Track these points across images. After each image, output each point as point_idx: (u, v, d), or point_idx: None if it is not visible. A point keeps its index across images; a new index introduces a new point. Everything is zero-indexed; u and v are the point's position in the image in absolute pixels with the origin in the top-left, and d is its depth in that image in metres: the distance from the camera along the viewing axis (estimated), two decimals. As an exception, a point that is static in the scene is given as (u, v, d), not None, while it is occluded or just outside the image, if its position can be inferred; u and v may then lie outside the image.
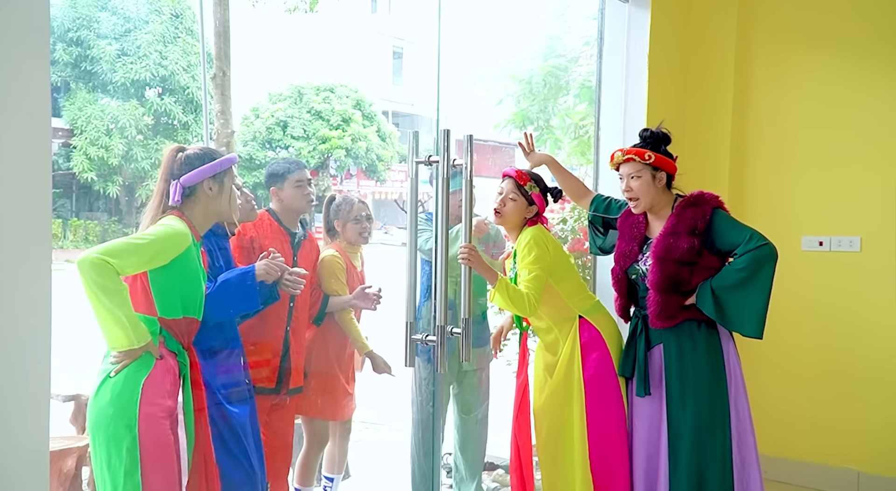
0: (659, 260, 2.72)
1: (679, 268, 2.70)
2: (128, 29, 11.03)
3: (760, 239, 2.68)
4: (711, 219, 2.71)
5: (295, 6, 5.79)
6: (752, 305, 2.66)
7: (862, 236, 3.76)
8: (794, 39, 3.97)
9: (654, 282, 2.74)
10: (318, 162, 19.50)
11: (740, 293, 2.65)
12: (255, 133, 18.16)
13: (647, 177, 2.76)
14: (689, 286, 2.72)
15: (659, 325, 2.78)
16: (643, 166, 2.75)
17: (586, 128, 5.96)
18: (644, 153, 2.74)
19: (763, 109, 4.02)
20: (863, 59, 3.79)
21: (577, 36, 6.29)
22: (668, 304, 2.73)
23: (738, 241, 2.68)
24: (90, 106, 11.00)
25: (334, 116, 18.18)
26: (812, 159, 3.89)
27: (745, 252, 2.66)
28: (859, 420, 3.77)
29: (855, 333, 3.80)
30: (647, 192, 2.77)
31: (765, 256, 2.66)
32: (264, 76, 15.25)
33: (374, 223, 3.43)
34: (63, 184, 11.38)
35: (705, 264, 2.73)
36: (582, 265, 4.24)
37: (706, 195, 2.77)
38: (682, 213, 2.73)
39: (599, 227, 3.10)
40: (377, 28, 17.62)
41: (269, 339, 2.94)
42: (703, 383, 2.74)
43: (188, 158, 2.32)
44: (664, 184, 2.81)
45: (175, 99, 11.82)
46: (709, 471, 2.72)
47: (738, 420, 2.77)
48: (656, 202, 2.81)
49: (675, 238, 2.70)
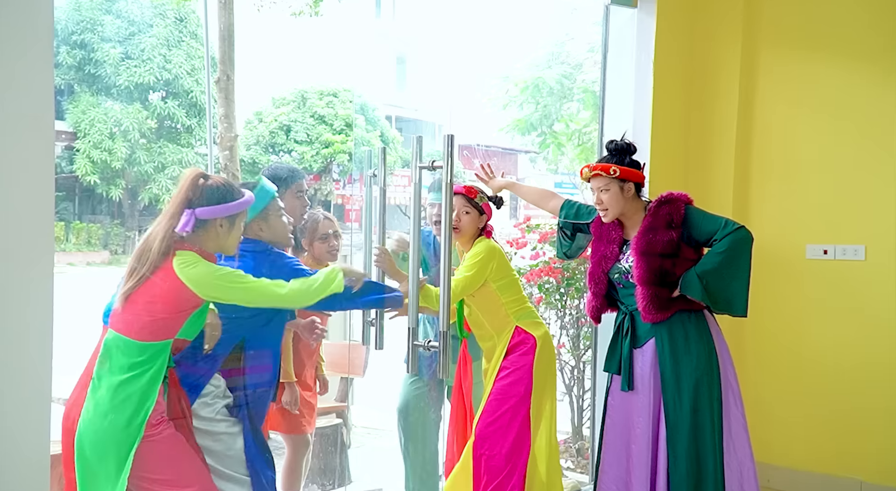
0: (642, 255, 2.83)
1: (662, 260, 2.81)
2: (132, 32, 11.06)
3: (735, 224, 2.79)
4: (686, 213, 2.83)
5: (300, 10, 5.80)
6: (737, 286, 2.79)
7: (867, 245, 3.75)
8: (799, 47, 3.96)
9: (639, 277, 2.83)
10: (321, 166, 19.55)
11: (725, 275, 2.77)
12: (259, 137, 18.16)
13: (616, 189, 2.88)
14: (675, 277, 2.83)
15: (651, 318, 2.86)
16: (610, 180, 2.87)
17: (590, 134, 5.96)
18: (609, 168, 2.86)
19: (768, 117, 4.02)
20: (868, 68, 3.79)
21: (581, 42, 6.30)
22: (657, 296, 2.82)
23: (713, 229, 2.80)
24: (93, 109, 11.03)
25: (337, 121, 18.20)
26: (817, 167, 3.88)
27: (723, 236, 2.77)
28: (863, 430, 3.76)
29: (859, 341, 3.78)
30: (615, 203, 2.89)
31: (742, 239, 2.77)
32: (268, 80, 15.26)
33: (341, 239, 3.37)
34: (66, 187, 11.40)
35: (685, 256, 2.84)
36: (584, 272, 4.23)
37: (676, 194, 2.89)
38: (657, 211, 2.85)
39: (567, 231, 3.22)
40: (381, 33, 17.68)
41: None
42: (699, 370, 2.83)
43: (209, 190, 2.29)
44: (633, 193, 2.92)
45: (179, 102, 11.86)
46: (704, 455, 2.81)
47: (729, 403, 2.89)
48: (626, 210, 2.92)
49: (654, 233, 2.82)
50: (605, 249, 2.98)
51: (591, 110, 5.71)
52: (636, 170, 2.91)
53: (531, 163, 23.45)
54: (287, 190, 2.90)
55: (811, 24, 3.87)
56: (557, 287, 4.21)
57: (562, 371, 4.33)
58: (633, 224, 2.94)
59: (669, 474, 2.82)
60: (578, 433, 4.32)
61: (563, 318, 4.30)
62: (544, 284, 4.20)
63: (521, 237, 4.44)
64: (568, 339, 4.33)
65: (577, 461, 4.20)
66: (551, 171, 17.97)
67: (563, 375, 4.33)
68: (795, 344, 3.92)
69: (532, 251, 4.34)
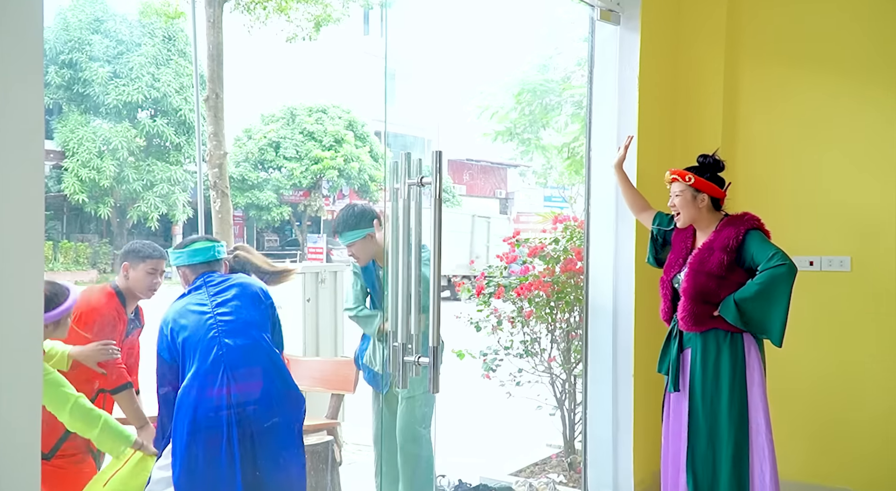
0: (692, 271, 3.05)
1: (708, 280, 3.01)
2: (120, 51, 11.05)
3: (781, 259, 2.94)
4: (744, 238, 3.01)
5: (294, 34, 5.84)
6: (773, 316, 2.96)
7: (852, 256, 3.78)
8: (782, 60, 4.02)
9: (684, 289, 3.06)
10: (311, 182, 19.45)
11: (760, 304, 2.96)
12: (248, 154, 18.07)
13: (688, 196, 3.09)
14: (718, 298, 3.02)
15: (686, 328, 3.09)
16: (685, 186, 3.10)
17: (578, 148, 5.99)
18: (685, 175, 3.09)
19: (752, 129, 4.06)
20: (852, 79, 3.84)
21: (568, 57, 6.35)
22: (697, 311, 3.03)
23: (760, 260, 2.96)
24: (82, 128, 10.99)
25: (327, 137, 18.14)
26: (802, 179, 3.92)
27: (764, 269, 2.95)
28: (851, 439, 3.77)
29: (847, 351, 3.81)
30: (685, 209, 3.11)
31: (780, 274, 2.93)
32: (257, 98, 15.26)
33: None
34: (54, 206, 11.32)
35: (734, 279, 3.02)
36: (574, 285, 4.25)
37: (747, 216, 3.08)
38: (721, 231, 3.05)
39: (660, 239, 3.40)
40: (369, 50, 17.78)
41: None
42: (722, 386, 3.04)
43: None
44: (707, 204, 3.11)
45: (167, 121, 11.82)
46: (721, 465, 3.05)
47: (756, 423, 3.07)
48: (698, 219, 3.13)
49: (710, 253, 3.03)
50: (673, 259, 3.21)
51: (579, 123, 5.74)
52: (715, 185, 3.11)
53: (520, 176, 23.48)
54: (141, 263, 3.04)
55: (793, 37, 3.92)
56: (547, 301, 4.22)
57: (553, 384, 4.34)
58: (703, 236, 3.15)
59: (694, 470, 3.07)
60: (570, 447, 4.32)
61: (553, 331, 4.30)
62: (534, 298, 4.21)
63: (510, 251, 4.46)
64: (559, 352, 4.34)
65: (570, 475, 4.20)
66: (540, 185, 18.00)
67: (555, 389, 4.34)
68: (781, 354, 3.93)
69: (521, 265, 4.36)
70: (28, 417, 1.54)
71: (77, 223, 11.55)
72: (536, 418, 4.57)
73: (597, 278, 3.76)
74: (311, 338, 4.89)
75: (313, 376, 4.08)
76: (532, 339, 4.32)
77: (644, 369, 3.74)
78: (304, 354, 4.92)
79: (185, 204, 12.73)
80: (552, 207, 15.56)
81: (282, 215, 16.39)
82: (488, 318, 4.35)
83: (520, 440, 5.01)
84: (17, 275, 1.50)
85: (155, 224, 11.94)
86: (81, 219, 11.60)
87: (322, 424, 3.84)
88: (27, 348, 1.55)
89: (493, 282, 4.37)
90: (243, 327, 2.69)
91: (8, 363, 1.51)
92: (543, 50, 6.56)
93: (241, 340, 2.66)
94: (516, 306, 4.27)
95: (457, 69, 10.94)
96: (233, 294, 2.75)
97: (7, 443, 1.49)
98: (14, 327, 1.53)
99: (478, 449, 4.89)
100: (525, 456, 4.54)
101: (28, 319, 1.55)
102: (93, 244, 11.27)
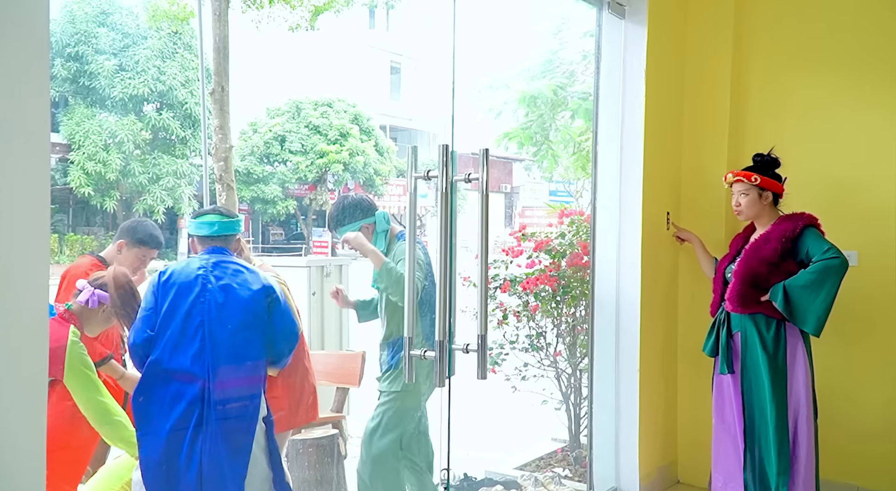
0: (746, 256, 3.27)
1: (760, 265, 3.21)
2: (126, 44, 11.06)
3: (835, 252, 3.13)
4: (802, 231, 3.21)
5: (297, 23, 5.83)
6: (815, 306, 3.13)
7: (859, 251, 3.77)
8: (789, 55, 3.99)
9: (736, 272, 3.27)
10: (316, 176, 19.41)
11: (806, 293, 3.13)
12: (253, 147, 18.04)
13: (754, 195, 3.30)
14: (767, 283, 3.21)
15: (733, 309, 3.29)
16: (750, 186, 3.30)
17: (584, 143, 5.97)
18: (751, 176, 3.28)
19: (759, 125, 4.04)
20: (859, 76, 3.81)
21: (574, 51, 6.32)
22: (745, 293, 3.23)
23: (815, 253, 3.16)
24: (88, 121, 11.01)
25: (332, 131, 18.12)
26: (809, 175, 3.90)
27: (818, 260, 3.14)
28: (859, 434, 3.76)
29: (853, 346, 3.80)
30: (750, 207, 3.32)
31: (833, 266, 3.12)
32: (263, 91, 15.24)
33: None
34: (60, 199, 11.34)
35: (784, 268, 3.21)
36: (580, 279, 4.24)
37: (805, 214, 3.27)
38: (779, 224, 3.26)
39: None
40: (375, 44, 17.75)
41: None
42: (763, 370, 3.23)
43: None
44: (769, 201, 3.32)
45: (173, 114, 11.84)
46: (763, 441, 3.29)
47: (796, 407, 3.26)
48: (761, 215, 3.33)
49: (766, 242, 3.24)
50: (729, 255, 3.44)
51: (584, 119, 5.72)
52: (777, 182, 3.31)
53: (526, 170, 23.45)
54: (135, 247, 3.07)
55: (800, 34, 3.90)
56: (553, 295, 4.21)
57: (558, 379, 4.34)
58: (761, 230, 3.35)
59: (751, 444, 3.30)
60: (576, 441, 4.32)
61: (559, 326, 4.31)
62: (540, 292, 4.21)
63: (516, 245, 4.45)
64: (564, 347, 4.34)
65: (575, 470, 4.20)
66: (546, 180, 17.98)
67: (560, 383, 4.34)
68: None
69: (528, 259, 4.35)
70: (33, 411, 1.55)
71: (83, 216, 11.59)
72: (542, 413, 4.57)
73: (603, 273, 3.75)
74: (316, 331, 4.89)
75: (318, 370, 4.08)
76: (538, 333, 4.31)
77: (649, 364, 3.73)
78: (310, 347, 4.92)
79: (191, 197, 12.76)
80: (557, 201, 15.51)
81: (287, 209, 16.40)
82: (493, 312, 4.35)
83: (525, 434, 5.02)
84: (24, 267, 1.51)
85: (161, 217, 11.97)
86: (87, 212, 11.63)
87: (327, 417, 3.84)
88: (33, 339, 1.55)
89: (497, 276, 4.37)
90: (233, 306, 2.61)
91: (14, 355, 1.51)
92: (550, 45, 6.53)
93: (225, 303, 2.59)
94: (522, 300, 4.27)
95: (461, 63, 10.91)
96: (232, 269, 2.69)
97: (13, 434, 1.50)
98: (20, 319, 1.53)
99: (483, 443, 4.89)
100: (530, 450, 4.55)
101: (34, 311, 1.55)
102: (98, 237, 11.31)
